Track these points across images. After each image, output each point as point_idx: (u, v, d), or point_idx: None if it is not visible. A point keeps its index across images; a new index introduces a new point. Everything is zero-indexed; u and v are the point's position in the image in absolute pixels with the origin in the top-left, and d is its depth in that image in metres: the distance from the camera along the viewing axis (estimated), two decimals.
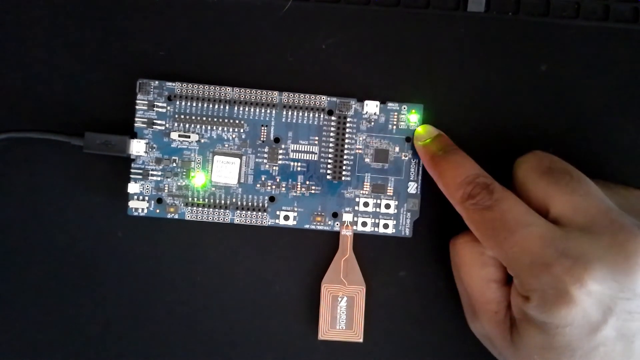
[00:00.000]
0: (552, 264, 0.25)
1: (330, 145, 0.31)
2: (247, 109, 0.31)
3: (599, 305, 0.24)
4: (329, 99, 0.31)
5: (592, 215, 0.26)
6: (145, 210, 0.31)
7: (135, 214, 0.31)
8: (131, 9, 0.31)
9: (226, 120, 0.31)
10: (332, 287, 0.31)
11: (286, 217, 0.31)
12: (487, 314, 0.28)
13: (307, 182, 0.31)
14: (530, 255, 0.25)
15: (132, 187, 0.31)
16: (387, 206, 0.31)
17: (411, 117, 0.31)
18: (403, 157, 0.31)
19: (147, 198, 0.31)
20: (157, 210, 0.31)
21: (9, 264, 0.31)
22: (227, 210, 0.31)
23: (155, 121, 0.31)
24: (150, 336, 0.32)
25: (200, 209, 0.31)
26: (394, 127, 0.31)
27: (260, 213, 0.31)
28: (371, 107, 0.31)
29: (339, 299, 0.31)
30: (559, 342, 0.25)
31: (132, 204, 0.31)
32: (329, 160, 0.31)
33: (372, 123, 0.31)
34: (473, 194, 0.27)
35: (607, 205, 0.26)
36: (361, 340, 0.31)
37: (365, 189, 0.31)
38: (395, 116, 0.31)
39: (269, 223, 0.31)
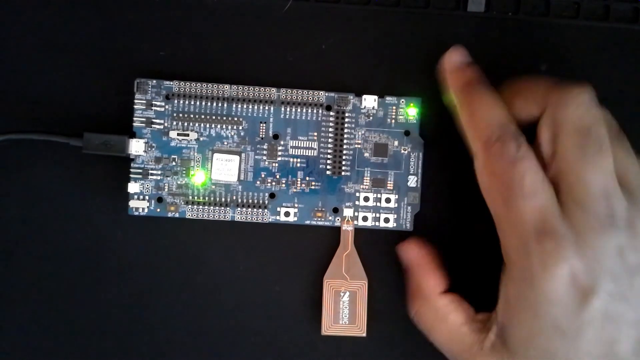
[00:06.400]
0: (544, 240, 0.25)
1: (330, 140, 0.31)
2: (245, 106, 0.31)
3: (584, 281, 0.24)
4: (326, 94, 0.31)
5: (594, 196, 0.26)
6: (146, 210, 0.31)
7: (136, 213, 0.31)
8: (130, 8, 0.31)
9: (225, 118, 0.31)
10: (334, 282, 0.31)
11: (287, 214, 0.31)
12: (472, 357, 0.27)
13: (307, 178, 0.31)
14: (527, 225, 0.25)
15: (132, 187, 0.31)
16: (388, 200, 0.31)
17: (409, 111, 0.31)
18: (402, 151, 0.31)
19: (147, 197, 0.31)
20: (158, 210, 0.31)
21: (8, 264, 0.31)
22: (228, 208, 0.31)
23: (153, 120, 0.31)
24: (151, 335, 0.31)
25: (200, 207, 0.31)
26: (393, 121, 0.31)
27: (260, 210, 0.31)
28: (369, 101, 0.31)
29: (342, 294, 0.31)
30: (547, 322, 0.25)
31: (132, 203, 0.31)
32: (329, 156, 0.31)
33: (371, 117, 0.31)
34: (503, 139, 0.26)
35: (612, 190, 0.26)
36: (364, 334, 0.31)
37: (365, 183, 0.31)
38: (394, 110, 0.31)
39: (270, 220, 0.31)
